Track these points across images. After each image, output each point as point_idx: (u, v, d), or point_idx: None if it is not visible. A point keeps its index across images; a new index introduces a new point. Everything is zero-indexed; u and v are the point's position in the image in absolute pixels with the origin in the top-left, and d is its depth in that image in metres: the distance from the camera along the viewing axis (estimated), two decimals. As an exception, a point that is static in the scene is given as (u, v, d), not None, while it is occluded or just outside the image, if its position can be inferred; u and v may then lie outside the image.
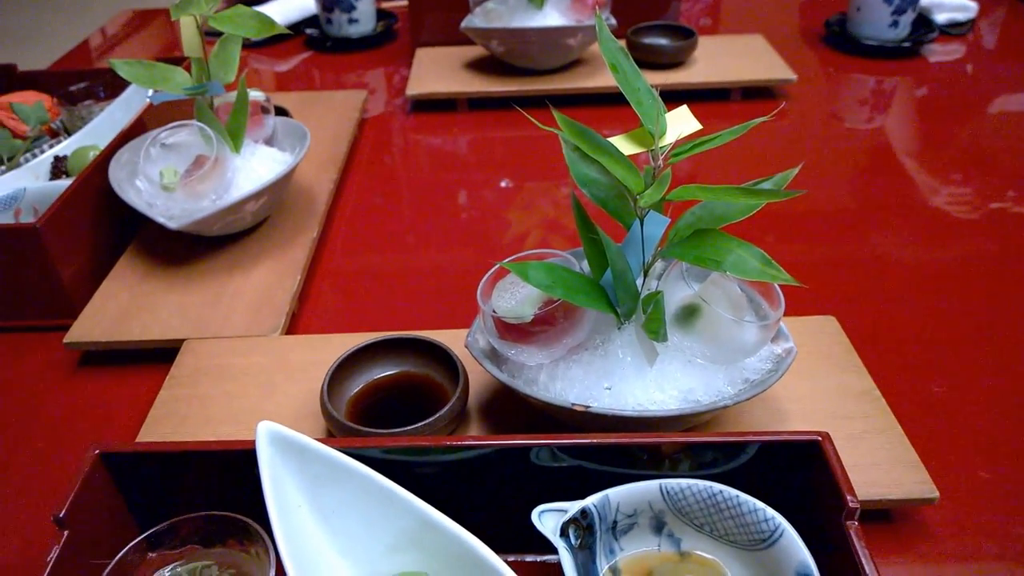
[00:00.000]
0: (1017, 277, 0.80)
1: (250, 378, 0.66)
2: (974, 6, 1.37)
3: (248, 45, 1.45)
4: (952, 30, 1.36)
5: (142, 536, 0.46)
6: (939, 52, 1.32)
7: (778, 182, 0.54)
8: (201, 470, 0.50)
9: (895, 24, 1.27)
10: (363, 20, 1.40)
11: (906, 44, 1.28)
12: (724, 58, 1.21)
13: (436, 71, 1.22)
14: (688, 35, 1.21)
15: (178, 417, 0.63)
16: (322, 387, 0.58)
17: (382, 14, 1.47)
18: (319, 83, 1.33)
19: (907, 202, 0.94)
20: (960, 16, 1.36)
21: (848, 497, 0.44)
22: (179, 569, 0.46)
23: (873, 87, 1.23)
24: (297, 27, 1.46)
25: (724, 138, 0.51)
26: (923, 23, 1.33)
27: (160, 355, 0.71)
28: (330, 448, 0.47)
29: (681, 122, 0.52)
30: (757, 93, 1.17)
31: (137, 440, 0.61)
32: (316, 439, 0.47)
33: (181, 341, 0.70)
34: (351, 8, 1.38)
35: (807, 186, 0.50)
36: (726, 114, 1.13)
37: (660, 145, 0.52)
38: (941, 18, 1.35)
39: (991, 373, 0.68)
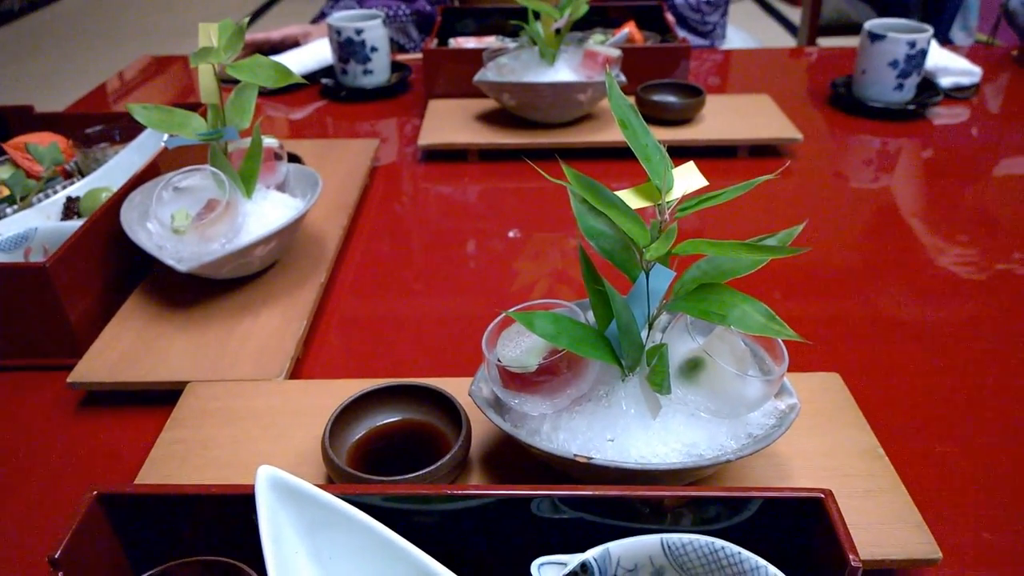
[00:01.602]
0: (1022, 338, 0.80)
1: (252, 422, 0.66)
2: (978, 71, 1.39)
3: (264, 93, 1.48)
4: (956, 94, 1.38)
5: (136, 580, 0.46)
6: (944, 115, 1.34)
7: (783, 239, 0.55)
8: (199, 514, 0.50)
9: (900, 87, 1.30)
10: (378, 71, 1.44)
11: (911, 107, 1.30)
12: (731, 116, 1.23)
13: (448, 122, 1.25)
14: (696, 93, 1.23)
15: (178, 459, 0.63)
16: (324, 433, 0.58)
17: (396, 66, 1.50)
18: (332, 131, 1.36)
19: (912, 262, 0.95)
20: (965, 80, 1.38)
21: (850, 556, 0.43)
22: (173, 614, 0.45)
23: (878, 148, 1.25)
24: (313, 77, 1.49)
25: (730, 194, 0.52)
26: (928, 87, 1.35)
27: (164, 397, 0.71)
28: (330, 494, 0.46)
29: (688, 178, 0.53)
30: (763, 151, 1.19)
31: (136, 482, 0.61)
32: (316, 485, 0.47)
33: (185, 383, 0.70)
34: (367, 60, 1.42)
35: (812, 243, 0.50)
36: (732, 171, 1.15)
37: (667, 200, 0.52)
38: (946, 82, 1.37)
39: (995, 434, 0.68)
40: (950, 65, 1.39)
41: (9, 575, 0.57)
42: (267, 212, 0.83)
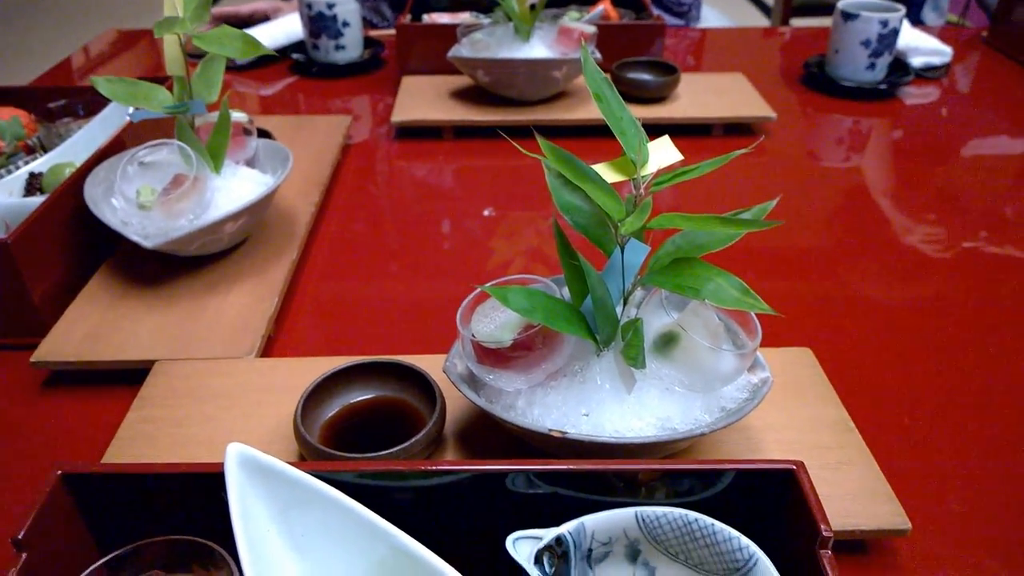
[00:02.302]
0: (988, 314, 0.82)
1: (222, 401, 0.65)
2: (949, 51, 1.40)
3: (233, 68, 1.45)
4: (927, 73, 1.39)
5: (101, 561, 0.45)
6: (915, 95, 1.35)
7: (756, 214, 0.55)
8: (167, 493, 0.49)
9: (872, 67, 1.30)
10: (350, 47, 1.41)
11: (882, 86, 1.31)
12: (706, 95, 1.23)
13: (422, 99, 1.23)
14: (671, 71, 1.23)
15: (146, 439, 0.61)
16: (296, 410, 0.58)
17: (369, 41, 1.48)
18: (304, 108, 1.33)
19: (881, 240, 0.95)
20: (935, 60, 1.39)
21: (822, 526, 0.43)
22: (141, 594, 0.45)
23: (850, 127, 1.26)
24: (284, 52, 1.46)
25: (704, 168, 0.52)
26: (899, 66, 1.36)
27: (131, 376, 0.69)
28: (302, 472, 0.46)
29: (663, 152, 0.53)
30: (737, 130, 1.19)
31: (102, 462, 0.60)
32: (291, 462, 0.46)
33: (153, 362, 0.69)
34: (338, 35, 1.39)
35: (787, 222, 0.50)
36: (707, 149, 1.15)
37: (642, 174, 0.52)
38: (917, 62, 1.38)
39: (963, 407, 0.69)
40: (921, 45, 1.40)
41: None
42: (236, 188, 0.81)
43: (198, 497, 0.48)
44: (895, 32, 1.28)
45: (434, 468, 0.48)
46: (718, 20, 1.92)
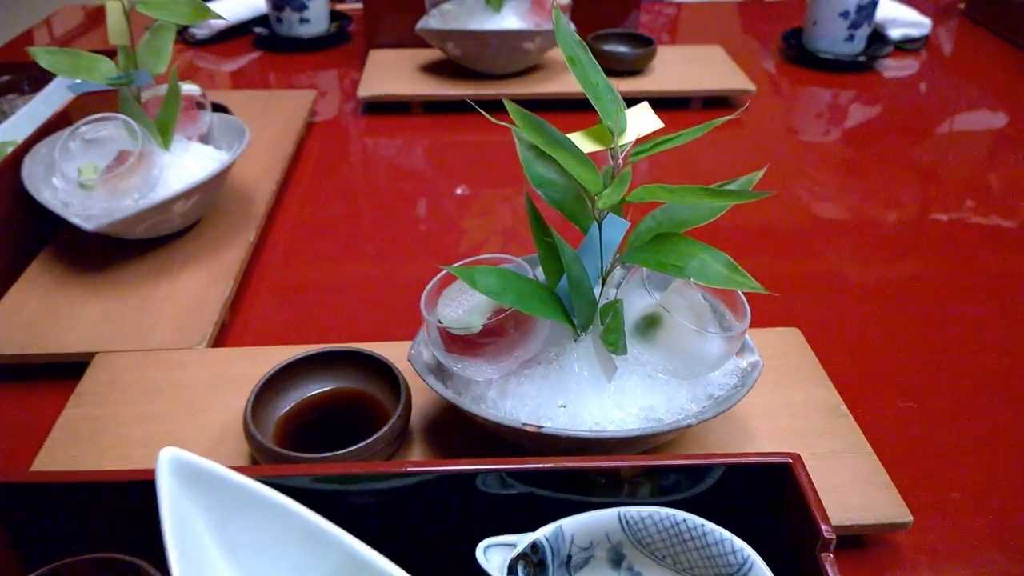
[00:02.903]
0: (976, 289, 0.79)
1: (168, 395, 0.60)
2: (927, 22, 1.37)
3: (193, 43, 1.39)
4: (906, 45, 1.36)
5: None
6: (893, 67, 1.31)
7: (743, 185, 0.51)
8: (96, 503, 0.44)
9: (851, 39, 1.26)
10: (315, 20, 1.35)
11: (861, 59, 1.27)
12: (683, 67, 1.19)
13: (390, 73, 1.17)
14: (647, 43, 1.18)
15: (83, 440, 0.56)
16: (246, 406, 0.53)
17: (335, 15, 1.42)
18: (268, 84, 1.27)
19: (864, 215, 0.92)
20: (914, 32, 1.36)
21: (823, 527, 0.40)
22: (64, 617, 0.40)
23: (829, 100, 1.22)
24: (246, 26, 1.40)
25: (687, 136, 0.48)
26: (878, 38, 1.32)
27: (72, 370, 0.64)
28: (246, 477, 0.41)
29: (642, 119, 0.49)
30: (716, 103, 1.14)
31: (35, 465, 0.54)
32: (233, 467, 0.41)
33: (94, 354, 0.64)
34: (302, 7, 1.33)
35: (766, 198, 0.46)
36: (686, 122, 1.08)
37: (620, 143, 0.48)
38: (895, 34, 1.35)
39: (957, 388, 0.66)
40: (899, 16, 1.36)
41: None
42: (188, 165, 0.76)
43: (132, 508, 0.43)
44: (874, 3, 1.24)
45: (395, 470, 0.44)
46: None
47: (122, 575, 0.40)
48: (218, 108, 0.91)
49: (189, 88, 0.81)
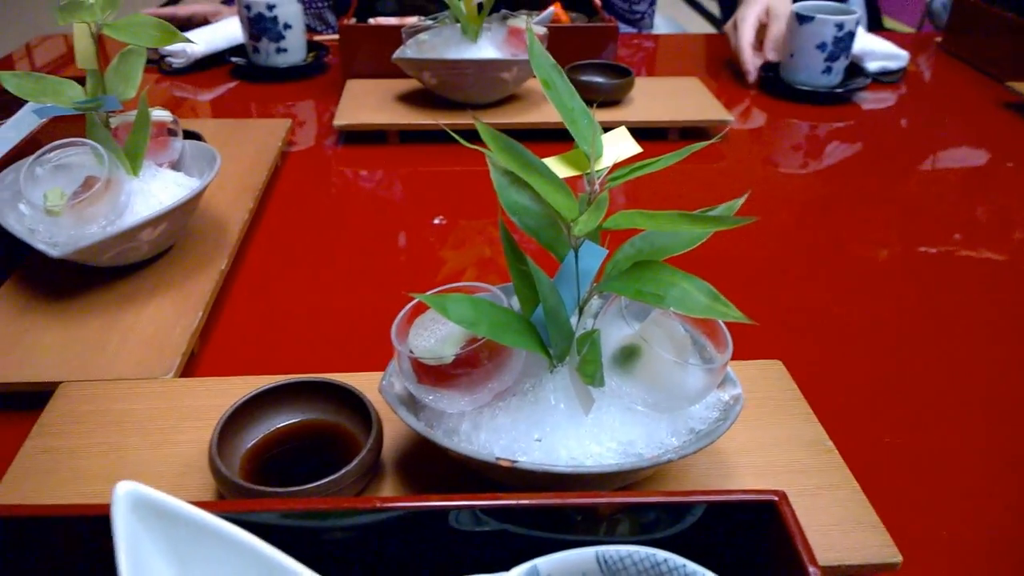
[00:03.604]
0: (960, 323, 0.78)
1: (133, 427, 0.58)
2: (905, 55, 1.39)
3: (170, 72, 1.38)
4: (884, 78, 1.37)
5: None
6: (871, 100, 1.33)
7: (723, 212, 0.50)
8: (51, 538, 0.42)
9: (828, 71, 1.28)
10: (292, 50, 1.35)
11: (839, 91, 1.29)
12: (661, 98, 1.19)
13: (366, 102, 1.17)
14: (625, 74, 1.18)
15: (44, 473, 0.54)
16: (211, 439, 0.51)
17: (312, 45, 1.41)
18: (244, 113, 1.26)
19: (845, 247, 0.92)
20: (892, 64, 1.38)
21: (810, 568, 0.38)
22: (10, 666, 0.37)
23: (807, 132, 1.23)
24: (223, 56, 1.39)
25: (665, 161, 0.47)
26: (856, 71, 1.34)
27: (33, 400, 0.61)
28: (209, 514, 0.39)
29: (619, 144, 0.48)
30: (694, 134, 1.15)
31: (-8, 500, 0.52)
32: (195, 502, 0.39)
33: (57, 384, 0.61)
34: (280, 37, 1.32)
35: (746, 229, 0.45)
36: (663, 153, 1.10)
37: (596, 168, 0.47)
38: (873, 66, 1.36)
39: (944, 422, 0.65)
40: (876, 49, 1.38)
41: None
42: (157, 192, 0.74)
43: (86, 545, 0.41)
44: (851, 35, 1.26)
45: (365, 506, 0.42)
46: (669, 29, 1.90)
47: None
48: (191, 135, 0.89)
49: (160, 114, 0.80)
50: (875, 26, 1.94)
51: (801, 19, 1.26)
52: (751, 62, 1.35)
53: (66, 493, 0.53)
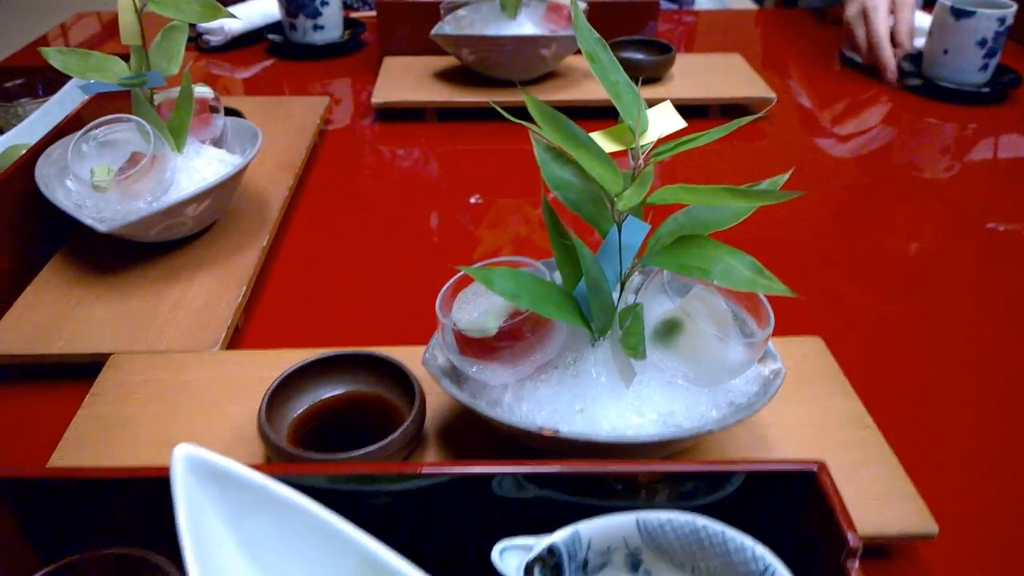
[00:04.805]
0: (1008, 300, 0.77)
1: (183, 397, 0.59)
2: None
3: (207, 50, 1.39)
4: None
5: (38, 575, 0.39)
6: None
7: (768, 187, 0.50)
8: (112, 501, 0.44)
9: (985, 67, 1.18)
10: (329, 27, 1.35)
11: (985, 90, 1.20)
12: (702, 75, 1.18)
13: (404, 80, 1.17)
14: (666, 51, 1.17)
15: (97, 440, 0.56)
16: (260, 407, 0.52)
17: (349, 22, 1.42)
18: (281, 91, 1.27)
19: (890, 225, 0.91)
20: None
21: (849, 535, 0.39)
22: (77, 617, 0.39)
23: (855, 108, 1.21)
24: (260, 33, 1.40)
25: (710, 136, 0.47)
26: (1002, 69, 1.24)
27: (85, 371, 0.63)
28: (263, 476, 0.40)
29: (664, 118, 0.48)
30: (735, 112, 1.14)
31: (51, 463, 0.54)
32: (249, 465, 0.41)
33: (108, 355, 0.63)
34: (316, 14, 1.33)
35: (787, 207, 0.45)
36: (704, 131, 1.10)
37: (641, 143, 0.47)
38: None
39: (986, 399, 0.65)
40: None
41: None
42: (200, 168, 0.76)
43: (147, 505, 0.42)
44: (1009, 29, 1.16)
45: (411, 471, 0.43)
46: (711, 4, 1.87)
47: (138, 570, 0.39)
48: (231, 112, 0.91)
49: (202, 91, 0.81)
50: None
51: (959, 14, 1.17)
52: (890, 56, 1.24)
53: (119, 459, 0.55)
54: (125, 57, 0.75)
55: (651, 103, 0.50)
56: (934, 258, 0.85)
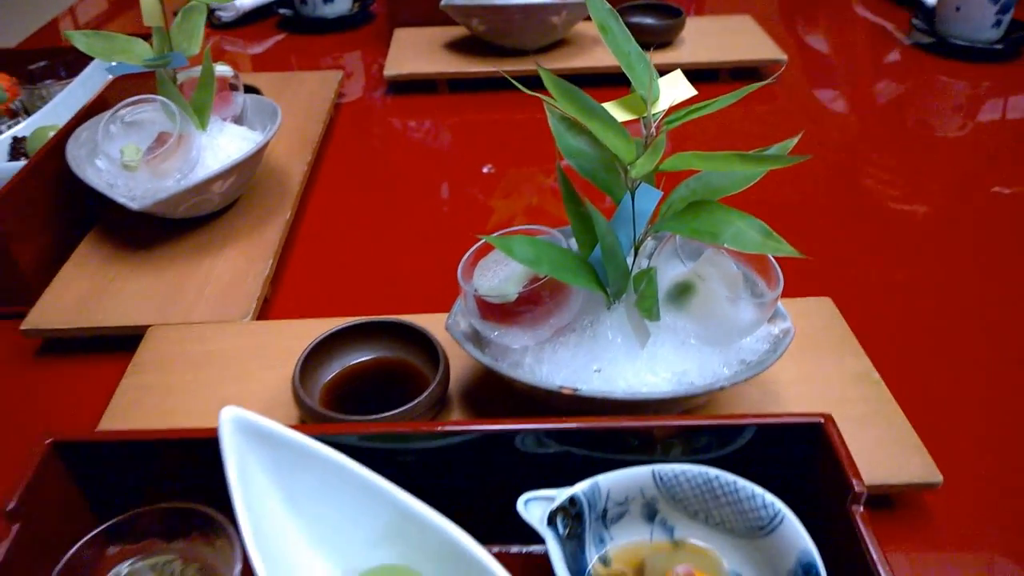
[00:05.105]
0: (1016, 258, 0.78)
1: (218, 365, 0.62)
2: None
3: (219, 26, 1.41)
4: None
5: (99, 529, 0.43)
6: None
7: (777, 152, 0.51)
8: (162, 460, 0.47)
9: (997, 24, 1.18)
10: (339, 0, 1.36)
11: (997, 47, 1.20)
12: (712, 38, 1.19)
13: (415, 51, 1.19)
14: (676, 14, 1.18)
15: (141, 406, 0.59)
16: (294, 372, 0.55)
17: (358, -5, 1.43)
18: (293, 66, 1.29)
19: (900, 186, 0.92)
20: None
21: (854, 481, 0.41)
22: (139, 564, 0.43)
23: (866, 67, 1.21)
24: (271, 8, 1.42)
25: (720, 103, 0.49)
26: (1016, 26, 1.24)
27: (123, 343, 0.67)
28: (301, 435, 0.43)
29: (675, 87, 0.50)
30: (746, 75, 1.14)
31: (98, 429, 0.57)
32: (289, 425, 0.43)
33: (145, 327, 0.66)
34: (326, -13, 1.34)
35: (795, 167, 0.47)
36: (714, 95, 1.10)
37: (653, 112, 0.49)
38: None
39: (991, 355, 0.66)
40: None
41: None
42: (223, 145, 0.78)
43: (194, 463, 0.45)
44: None
45: (440, 429, 0.46)
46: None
47: (192, 523, 0.42)
48: (249, 89, 0.92)
49: (222, 69, 0.83)
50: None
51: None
52: None
53: (162, 423, 0.57)
54: (144, 38, 0.77)
55: (662, 69, 0.51)
56: (944, 219, 0.86)
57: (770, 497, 0.43)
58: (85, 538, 0.42)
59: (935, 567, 0.50)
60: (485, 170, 0.99)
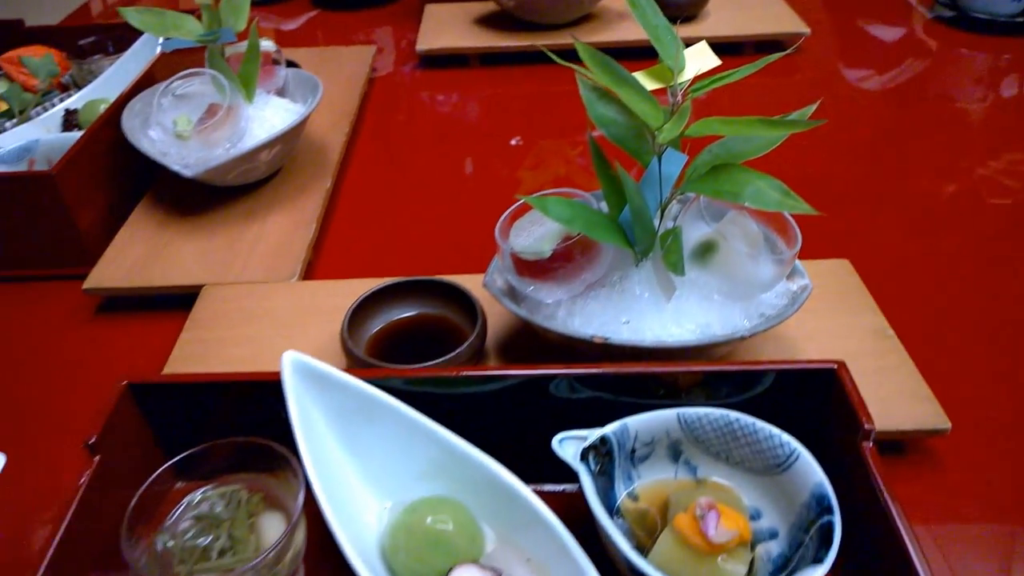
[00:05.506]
0: (1016, 227, 0.81)
1: (269, 321, 0.67)
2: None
3: (254, 3, 1.44)
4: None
5: (172, 461, 0.47)
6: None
7: (797, 117, 0.54)
8: (227, 401, 0.51)
9: None
10: (371, -24, 1.39)
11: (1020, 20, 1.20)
12: (736, 11, 1.20)
13: (446, 26, 1.22)
14: (700, -12, 1.20)
15: (198, 358, 0.64)
16: (342, 325, 0.59)
17: (389, -29, 1.46)
18: (326, 41, 1.32)
19: (920, 155, 0.94)
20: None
21: (863, 420, 0.44)
22: (209, 493, 0.47)
23: (888, 40, 1.22)
24: (304, -15, 1.45)
25: (743, 72, 0.52)
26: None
27: (178, 301, 0.71)
28: (355, 378, 0.47)
29: (700, 58, 0.53)
30: (769, 48, 1.16)
31: (165, 373, 0.62)
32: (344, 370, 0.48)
33: (200, 287, 0.71)
34: (358, -36, 1.37)
35: (817, 138, 0.49)
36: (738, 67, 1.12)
37: (679, 82, 0.52)
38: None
39: (1004, 315, 0.69)
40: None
41: (44, 465, 0.59)
42: (269, 117, 0.82)
43: (256, 405, 0.50)
44: None
45: (480, 374, 0.50)
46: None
47: (257, 456, 0.47)
48: (290, 64, 0.96)
49: (265, 44, 0.87)
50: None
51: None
52: None
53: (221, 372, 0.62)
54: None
55: (687, 42, 0.54)
56: (963, 188, 0.88)
57: (786, 437, 0.47)
58: (164, 466, 0.46)
59: (944, 507, 0.54)
60: (514, 142, 1.02)
